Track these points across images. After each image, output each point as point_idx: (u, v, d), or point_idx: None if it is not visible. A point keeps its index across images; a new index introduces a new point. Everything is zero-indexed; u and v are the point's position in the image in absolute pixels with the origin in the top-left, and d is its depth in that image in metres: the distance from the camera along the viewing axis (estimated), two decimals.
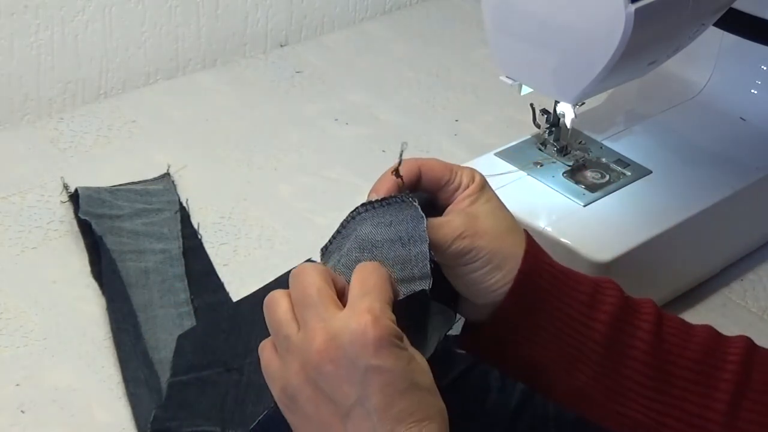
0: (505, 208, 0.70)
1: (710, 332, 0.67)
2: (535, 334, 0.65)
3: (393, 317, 0.58)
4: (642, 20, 0.79)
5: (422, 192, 0.69)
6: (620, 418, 0.65)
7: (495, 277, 0.65)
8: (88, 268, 0.96)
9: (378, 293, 0.59)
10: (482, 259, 0.65)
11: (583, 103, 0.93)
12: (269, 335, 0.63)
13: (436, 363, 0.61)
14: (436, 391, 0.58)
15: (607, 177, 0.95)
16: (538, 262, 0.66)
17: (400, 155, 0.67)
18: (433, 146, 1.17)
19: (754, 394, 0.64)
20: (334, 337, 0.56)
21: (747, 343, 0.66)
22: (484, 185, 0.69)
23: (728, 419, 0.63)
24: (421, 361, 0.58)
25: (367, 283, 0.59)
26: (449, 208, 0.68)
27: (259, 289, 0.93)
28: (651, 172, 0.96)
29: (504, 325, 0.66)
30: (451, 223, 0.65)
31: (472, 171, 0.70)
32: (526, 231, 0.69)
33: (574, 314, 0.65)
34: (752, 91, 1.04)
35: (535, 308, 0.65)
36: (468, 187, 0.69)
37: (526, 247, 0.66)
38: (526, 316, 0.65)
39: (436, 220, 0.65)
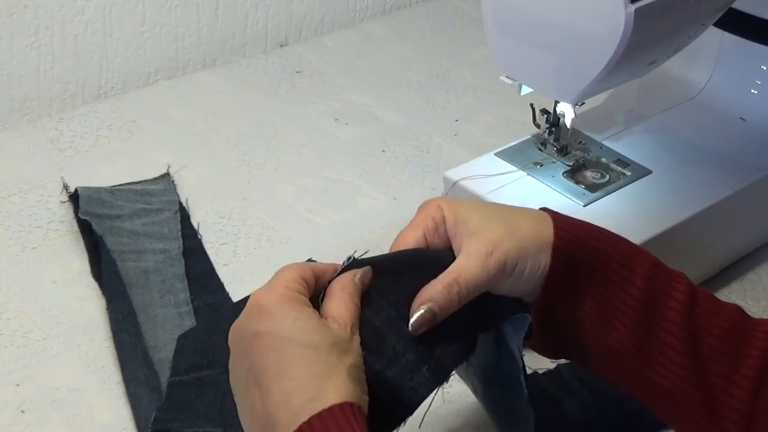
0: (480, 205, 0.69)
1: (739, 309, 0.68)
2: (573, 295, 0.66)
3: (297, 286, 0.61)
4: (642, 20, 0.79)
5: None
6: (649, 384, 0.66)
7: (540, 267, 0.65)
8: (88, 268, 0.96)
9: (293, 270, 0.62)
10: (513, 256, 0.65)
11: (583, 103, 0.93)
12: None
13: None
14: (337, 350, 0.58)
15: (607, 177, 0.95)
16: (570, 228, 0.66)
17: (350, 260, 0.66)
18: (433, 146, 1.17)
19: None
20: (239, 317, 0.61)
21: None
22: (447, 212, 0.67)
23: (752, 396, 0.63)
24: (316, 320, 0.59)
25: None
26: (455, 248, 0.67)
27: None
28: (651, 172, 0.96)
29: (548, 293, 0.66)
30: (468, 259, 0.65)
31: (429, 205, 0.68)
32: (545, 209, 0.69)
33: (613, 268, 0.65)
34: (752, 91, 1.04)
35: (575, 270, 0.65)
36: (443, 220, 0.67)
37: (554, 218, 0.66)
38: (566, 281, 0.66)
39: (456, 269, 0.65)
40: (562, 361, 0.83)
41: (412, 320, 0.63)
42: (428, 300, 0.63)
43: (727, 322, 0.65)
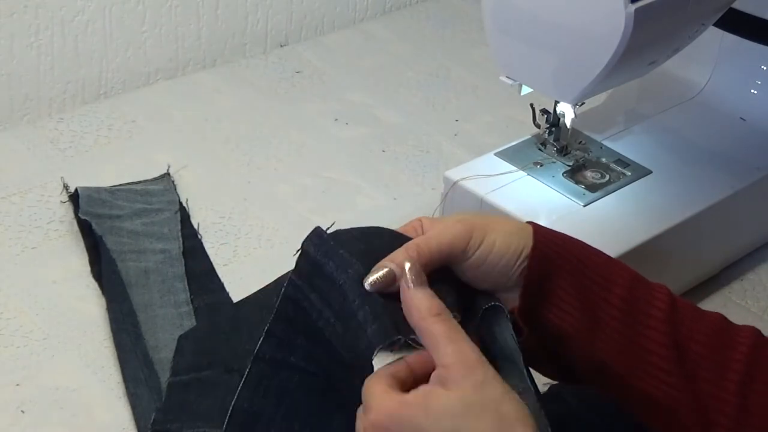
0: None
1: (721, 317, 0.68)
2: (558, 299, 0.65)
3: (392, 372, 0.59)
4: (642, 20, 0.79)
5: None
6: (639, 394, 0.66)
7: (511, 248, 0.65)
8: (88, 268, 0.96)
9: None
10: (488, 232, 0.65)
11: (583, 103, 0.93)
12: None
13: None
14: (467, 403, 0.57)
15: (607, 177, 0.95)
16: (549, 233, 0.67)
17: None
18: (433, 146, 1.17)
19: (766, 376, 0.64)
20: None
21: (755, 330, 0.67)
22: (425, 221, 0.67)
23: (740, 401, 0.63)
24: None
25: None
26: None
27: (259, 290, 0.93)
28: (651, 172, 0.96)
29: (528, 293, 0.66)
30: (446, 223, 0.65)
31: (409, 222, 0.68)
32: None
33: (592, 278, 0.66)
34: (752, 91, 1.04)
35: (556, 272, 0.65)
36: (422, 228, 0.67)
37: (533, 224, 0.67)
38: (548, 281, 0.65)
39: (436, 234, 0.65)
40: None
41: (369, 278, 0.62)
42: (390, 260, 0.63)
43: (710, 328, 0.66)
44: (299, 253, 0.66)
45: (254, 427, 0.67)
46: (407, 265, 0.61)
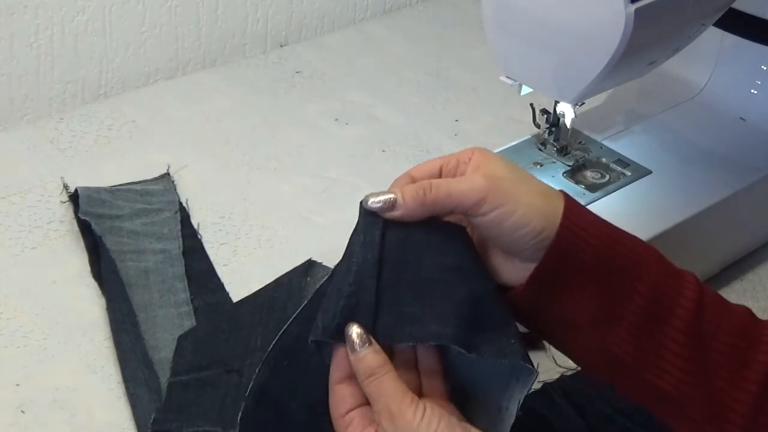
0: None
1: (747, 311, 0.66)
2: (574, 293, 0.63)
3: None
4: (642, 20, 0.79)
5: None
6: (650, 389, 0.64)
7: (530, 225, 0.63)
8: (88, 268, 0.96)
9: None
10: (509, 204, 0.63)
11: (583, 103, 0.93)
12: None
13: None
14: None
15: (607, 177, 0.95)
16: (578, 217, 0.64)
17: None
18: (433, 146, 1.17)
19: None
20: None
21: None
22: (476, 156, 0.66)
23: (758, 402, 0.62)
24: None
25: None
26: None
27: (259, 290, 0.93)
28: (651, 172, 0.96)
29: (542, 281, 0.63)
30: (469, 181, 0.64)
31: (466, 149, 0.67)
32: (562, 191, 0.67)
33: (616, 274, 0.63)
34: (752, 91, 1.04)
35: (577, 265, 0.63)
36: (467, 162, 0.66)
37: (566, 200, 0.64)
38: (567, 273, 0.63)
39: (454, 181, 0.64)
40: (550, 375, 0.83)
41: (372, 198, 0.64)
42: (398, 189, 0.64)
43: (736, 326, 0.64)
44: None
45: (276, 395, 0.67)
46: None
